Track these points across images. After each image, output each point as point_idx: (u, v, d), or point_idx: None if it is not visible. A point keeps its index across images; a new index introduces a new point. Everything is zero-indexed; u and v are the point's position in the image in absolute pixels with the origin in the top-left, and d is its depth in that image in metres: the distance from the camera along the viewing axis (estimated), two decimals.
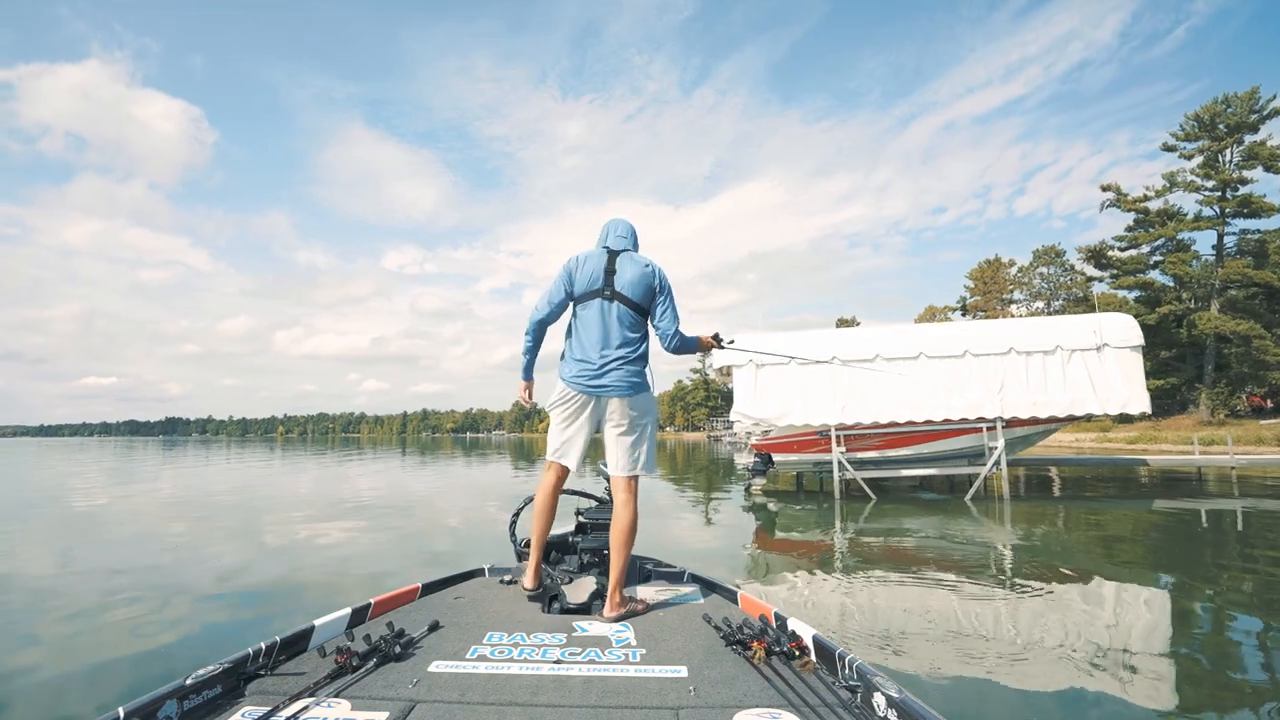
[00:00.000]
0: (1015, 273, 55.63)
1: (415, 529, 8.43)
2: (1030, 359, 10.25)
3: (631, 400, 2.56)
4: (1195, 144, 36.94)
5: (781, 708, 1.56)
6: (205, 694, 1.60)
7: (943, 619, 4.24)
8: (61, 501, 12.33)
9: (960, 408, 10.25)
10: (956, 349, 10.45)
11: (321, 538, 7.65)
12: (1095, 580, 5.27)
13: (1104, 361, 10.00)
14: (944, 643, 3.78)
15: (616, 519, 2.50)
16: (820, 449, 11.13)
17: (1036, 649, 3.67)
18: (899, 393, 10.46)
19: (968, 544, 7.04)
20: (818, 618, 4.35)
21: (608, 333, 2.57)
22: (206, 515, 9.86)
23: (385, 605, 2.46)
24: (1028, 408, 10.09)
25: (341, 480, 17.13)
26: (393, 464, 24.72)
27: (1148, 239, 40.31)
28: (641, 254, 2.74)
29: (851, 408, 10.52)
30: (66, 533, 8.40)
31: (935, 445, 10.86)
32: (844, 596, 4.99)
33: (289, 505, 11.06)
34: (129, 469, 22.77)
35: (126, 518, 9.75)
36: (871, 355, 10.61)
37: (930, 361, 10.51)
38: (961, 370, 10.41)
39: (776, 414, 10.68)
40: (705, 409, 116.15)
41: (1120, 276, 41.41)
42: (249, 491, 13.90)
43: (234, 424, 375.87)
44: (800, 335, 11.41)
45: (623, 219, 2.85)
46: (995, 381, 10.25)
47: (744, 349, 4.77)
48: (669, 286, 2.69)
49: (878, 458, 11.05)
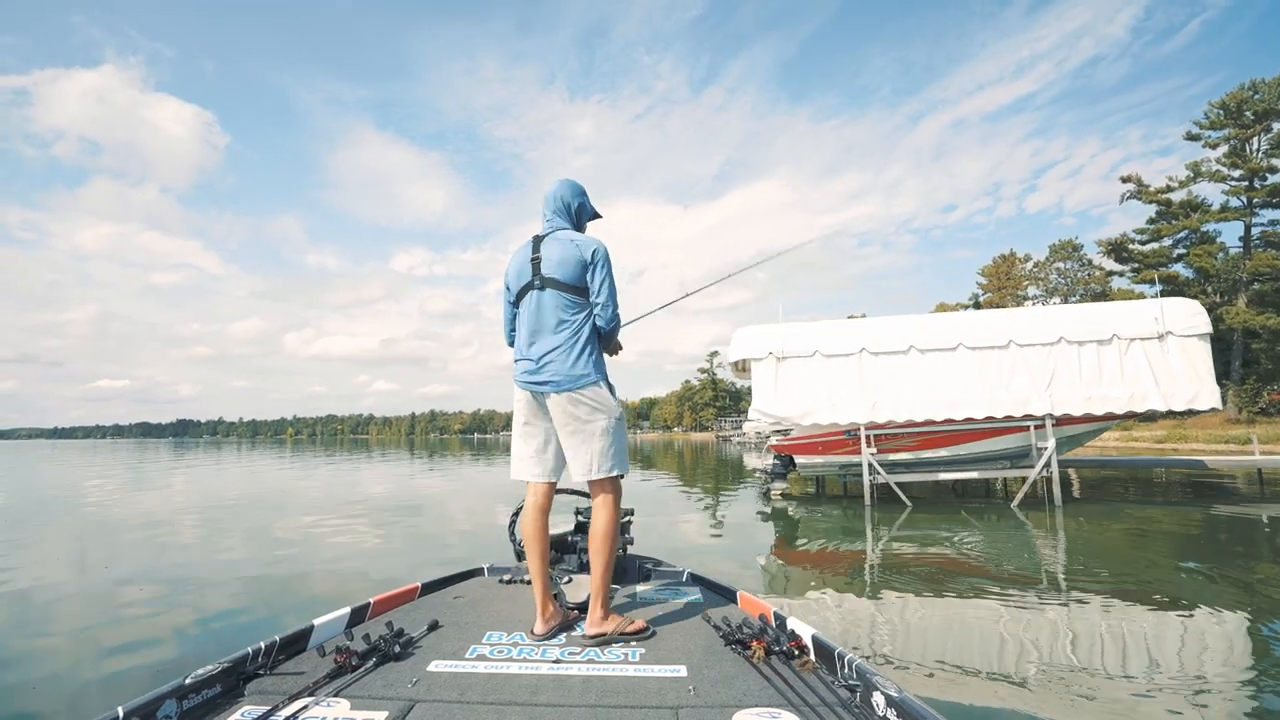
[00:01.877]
0: (1031, 268, 54.39)
1: (427, 530, 8.29)
2: (1083, 349, 9.22)
3: (573, 395, 2.29)
4: (1221, 132, 35.71)
5: (781, 707, 1.55)
6: (204, 693, 1.59)
7: (1005, 649, 3.61)
8: (78, 502, 12.32)
9: (1005, 404, 9.24)
10: (1000, 339, 9.43)
11: (334, 537, 7.60)
12: (1179, 603, 4.32)
13: (1167, 351, 8.96)
14: (1014, 683, 3.12)
15: (590, 525, 2.33)
16: (848, 450, 10.18)
17: (1118, 684, 3.07)
18: (936, 388, 9.47)
19: (1025, 558, 6.09)
20: (863, 644, 3.74)
21: (541, 324, 2.36)
22: (220, 517, 9.72)
23: (385, 605, 2.46)
24: (1081, 403, 9.06)
25: (352, 482, 16.89)
26: (402, 466, 24.34)
27: (1171, 231, 39.23)
28: (571, 231, 2.47)
29: (883, 405, 9.54)
30: (84, 533, 8.38)
31: (975, 446, 9.87)
32: (888, 621, 4.17)
33: (302, 507, 10.87)
34: (141, 472, 22.25)
35: (140, 518, 9.63)
36: (904, 347, 9.65)
37: (970, 353, 9.50)
38: (1006, 362, 9.40)
39: (800, 412, 9.71)
40: (713, 409, 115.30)
41: (1142, 270, 40.27)
42: (264, 494, 13.67)
43: (244, 425, 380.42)
44: (825, 326, 10.38)
45: (560, 181, 2.57)
46: (1044, 374, 9.23)
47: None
48: (603, 259, 2.39)
49: (911, 459, 10.07)
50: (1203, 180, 36.83)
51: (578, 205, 2.53)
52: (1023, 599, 4.59)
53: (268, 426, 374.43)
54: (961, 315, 10.28)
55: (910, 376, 9.58)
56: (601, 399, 2.31)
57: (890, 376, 9.63)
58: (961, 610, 4.36)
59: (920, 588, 4.94)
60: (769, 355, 9.94)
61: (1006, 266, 54.94)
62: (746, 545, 7.31)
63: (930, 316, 10.51)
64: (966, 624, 4.08)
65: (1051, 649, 3.58)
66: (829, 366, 9.81)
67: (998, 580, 5.14)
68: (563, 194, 2.51)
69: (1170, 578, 5.25)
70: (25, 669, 3.53)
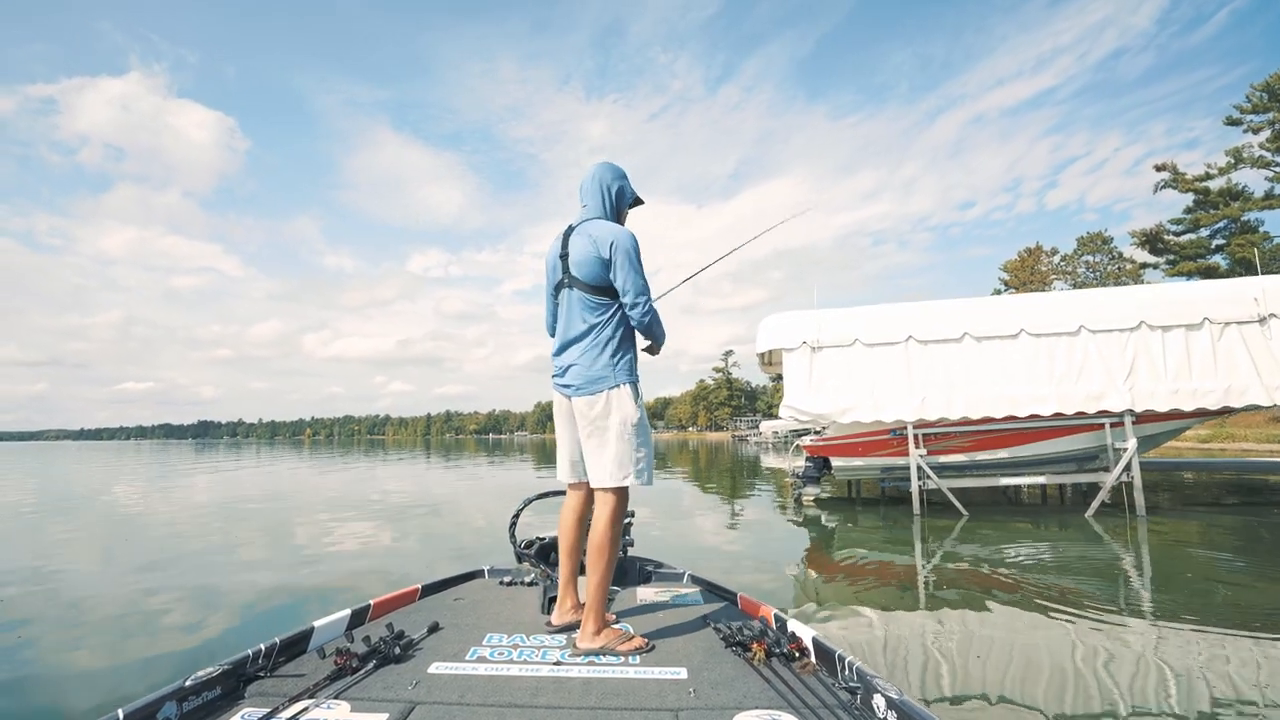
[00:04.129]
0: (1058, 261, 52.63)
1: (444, 529, 8.18)
2: (1168, 335, 7.96)
3: (590, 399, 2.21)
4: (1264, 116, 34.02)
5: (781, 709, 1.54)
6: (205, 695, 1.59)
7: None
8: (106, 501, 12.59)
9: (1076, 399, 8.04)
10: (1069, 324, 8.20)
11: (356, 538, 7.54)
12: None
13: (1271, 337, 7.68)
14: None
15: (589, 532, 2.21)
16: (892, 452, 9.03)
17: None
18: (994, 381, 8.29)
19: (1113, 580, 4.94)
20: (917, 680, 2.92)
21: (569, 325, 2.30)
22: (244, 516, 9.68)
23: (385, 606, 2.45)
24: (1166, 398, 7.81)
25: (369, 481, 16.86)
26: (419, 466, 23.95)
27: (1210, 220, 37.59)
28: (595, 223, 2.30)
29: (933, 400, 8.37)
30: (113, 530, 8.45)
31: (1039, 446, 8.67)
32: (953, 657, 3.08)
33: (325, 506, 10.89)
34: (165, 472, 22.01)
35: (167, 517, 9.68)
36: (958, 334, 8.48)
37: (1034, 340, 8.29)
38: (1076, 351, 8.17)
39: (839, 408, 8.56)
40: (728, 408, 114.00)
41: (1178, 262, 38.73)
42: (289, 491, 13.93)
43: (263, 427, 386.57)
44: (867, 311, 9.18)
45: (598, 164, 2.44)
46: (1122, 364, 8.00)
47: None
48: (624, 251, 2.20)
49: (965, 462, 8.89)
50: (1244, 166, 35.16)
51: (617, 189, 2.40)
52: (1119, 631, 3.50)
53: (286, 427, 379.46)
54: (1024, 298, 9.01)
55: (965, 368, 8.39)
56: (621, 402, 2.20)
57: (942, 368, 8.45)
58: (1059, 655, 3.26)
59: (994, 616, 3.85)
60: (802, 345, 8.81)
61: (1031, 260, 53.18)
62: (778, 557, 6.25)
63: (987, 300, 9.23)
64: (1072, 672, 2.98)
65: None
66: (871, 357, 8.65)
67: (1084, 608, 4.01)
68: (602, 177, 2.39)
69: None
70: (54, 657, 3.55)
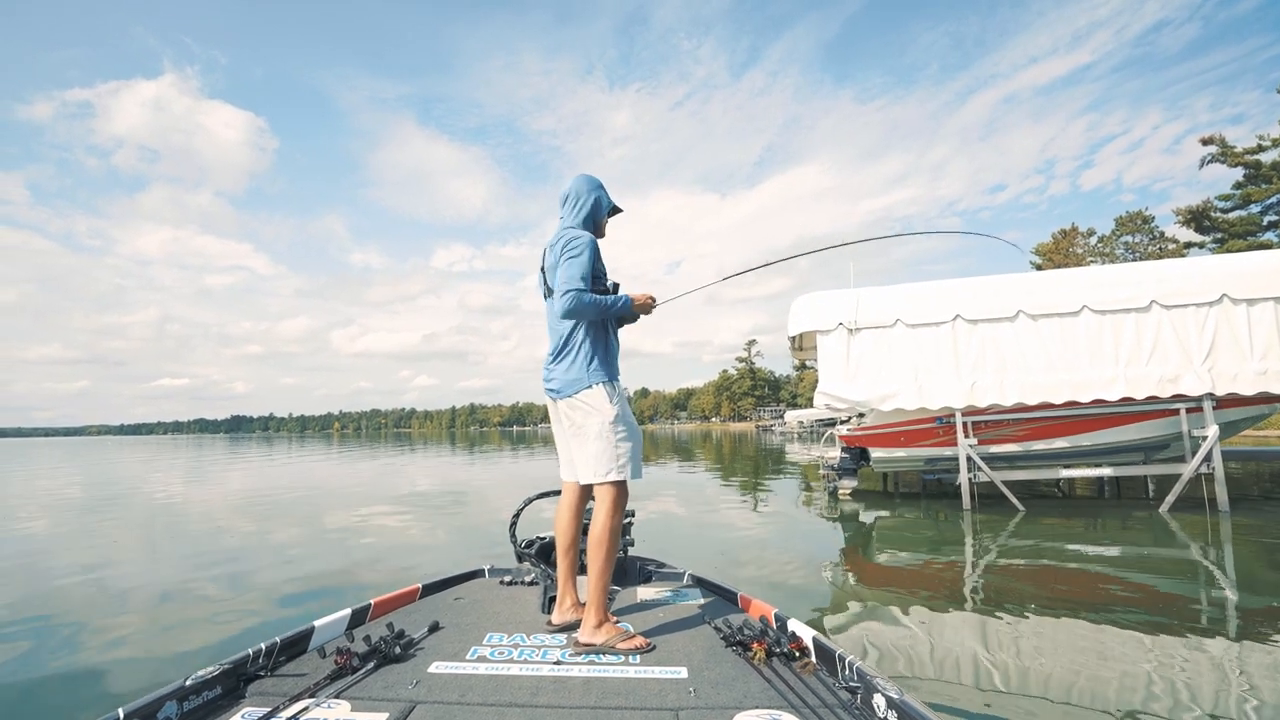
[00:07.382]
0: (1095, 243, 50.69)
1: (471, 522, 8.10)
2: (1253, 310, 7.09)
3: (570, 401, 2.29)
4: None
5: (781, 709, 1.54)
6: (205, 695, 1.59)
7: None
8: (152, 493, 12.95)
9: (1147, 382, 7.23)
10: (1138, 299, 7.37)
11: (387, 529, 7.56)
12: None
13: None
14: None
15: (589, 527, 2.23)
16: (938, 441, 8.31)
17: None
18: (1053, 363, 7.52)
19: (1203, 587, 4.22)
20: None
21: (551, 332, 2.40)
22: (287, 508, 9.78)
23: (385, 606, 2.46)
24: (1252, 379, 6.96)
25: (398, 473, 17.07)
26: (444, 458, 24.15)
27: (1262, 196, 35.83)
28: (571, 226, 2.39)
29: (984, 385, 7.63)
30: (153, 523, 8.56)
31: (1102, 435, 7.88)
32: (1006, 666, 2.45)
33: (361, 499, 10.96)
34: (203, 465, 22.65)
35: (206, 509, 9.95)
36: (1011, 312, 7.71)
37: (1098, 318, 7.48)
38: (1146, 329, 7.35)
39: (879, 395, 7.86)
40: (752, 399, 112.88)
41: (1227, 241, 36.91)
42: (326, 486, 13.99)
43: (293, 421, 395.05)
44: (909, 289, 8.40)
45: (574, 177, 2.48)
46: (1200, 343, 7.16)
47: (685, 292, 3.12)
48: (563, 243, 2.27)
49: (1018, 452, 8.12)
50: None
51: (593, 200, 2.43)
52: (1198, 641, 2.81)
53: (315, 421, 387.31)
54: (1085, 271, 8.15)
55: (1019, 349, 7.62)
56: (595, 402, 2.25)
57: (993, 349, 7.69)
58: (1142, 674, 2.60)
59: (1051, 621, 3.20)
60: (838, 327, 8.11)
61: (1066, 243, 51.23)
62: (815, 555, 5.58)
63: (1043, 274, 8.40)
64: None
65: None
66: (915, 338, 7.92)
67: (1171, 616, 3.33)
68: (576, 189, 2.45)
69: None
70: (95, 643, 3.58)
